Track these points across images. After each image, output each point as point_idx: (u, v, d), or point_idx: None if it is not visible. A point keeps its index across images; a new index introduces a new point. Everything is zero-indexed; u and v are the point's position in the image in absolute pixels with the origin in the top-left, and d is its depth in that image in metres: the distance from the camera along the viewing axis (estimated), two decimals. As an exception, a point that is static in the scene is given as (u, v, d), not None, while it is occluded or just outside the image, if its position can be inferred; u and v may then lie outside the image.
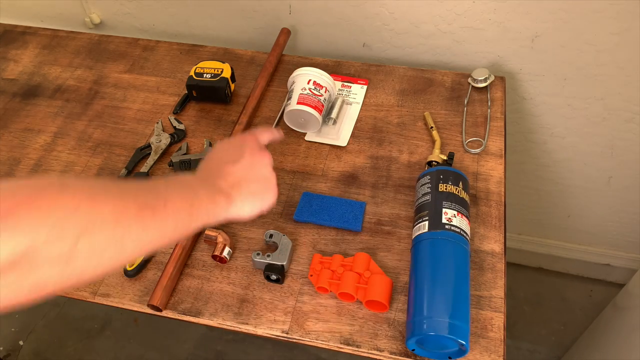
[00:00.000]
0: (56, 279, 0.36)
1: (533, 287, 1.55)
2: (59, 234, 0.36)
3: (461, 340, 0.59)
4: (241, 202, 0.56)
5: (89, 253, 0.38)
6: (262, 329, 0.68)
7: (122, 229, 0.41)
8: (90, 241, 0.38)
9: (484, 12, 0.94)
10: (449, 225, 0.67)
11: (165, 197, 0.46)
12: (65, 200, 0.37)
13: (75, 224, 0.37)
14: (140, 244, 0.43)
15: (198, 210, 0.50)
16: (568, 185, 1.25)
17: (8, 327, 1.58)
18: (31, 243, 0.34)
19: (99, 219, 0.39)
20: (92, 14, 1.20)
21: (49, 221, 0.35)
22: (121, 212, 0.41)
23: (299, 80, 0.88)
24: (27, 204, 0.35)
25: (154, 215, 0.44)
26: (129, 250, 0.42)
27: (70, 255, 0.36)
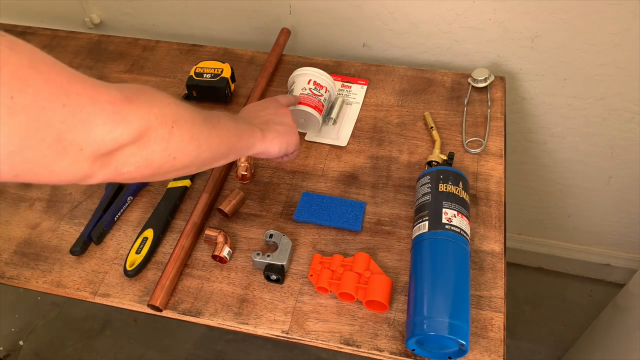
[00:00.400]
0: (161, 155, 0.48)
1: (533, 287, 1.55)
2: (162, 120, 0.47)
3: (461, 340, 0.59)
4: (270, 138, 0.68)
5: (179, 139, 0.50)
6: (262, 329, 0.68)
7: (197, 128, 0.52)
8: (180, 129, 0.50)
9: (484, 12, 0.94)
10: (449, 225, 0.67)
11: (219, 118, 0.59)
12: (160, 97, 0.49)
13: (170, 114, 0.49)
14: (208, 146, 0.55)
15: (242, 133, 0.63)
16: (568, 185, 1.25)
17: (8, 327, 1.58)
18: (147, 124, 0.46)
19: (183, 116, 0.51)
20: (92, 14, 1.20)
21: (154, 109, 0.47)
22: (194, 117, 0.53)
23: (299, 81, 0.88)
24: (138, 96, 0.46)
25: (215, 127, 0.56)
26: (202, 148, 0.53)
27: (169, 137, 0.48)
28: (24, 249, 0.78)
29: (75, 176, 0.43)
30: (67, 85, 0.40)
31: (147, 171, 0.48)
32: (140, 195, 0.84)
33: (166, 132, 0.48)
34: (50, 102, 0.38)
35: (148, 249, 0.75)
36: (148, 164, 0.48)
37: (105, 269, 0.75)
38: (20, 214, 0.83)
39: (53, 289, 0.74)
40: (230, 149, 0.60)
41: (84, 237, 0.77)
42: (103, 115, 0.42)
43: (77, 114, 0.40)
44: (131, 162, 0.46)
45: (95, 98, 0.41)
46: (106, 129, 0.42)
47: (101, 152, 0.42)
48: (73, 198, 0.84)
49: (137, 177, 0.48)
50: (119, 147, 0.44)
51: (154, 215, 0.78)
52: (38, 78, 0.37)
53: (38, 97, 0.37)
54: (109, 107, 0.42)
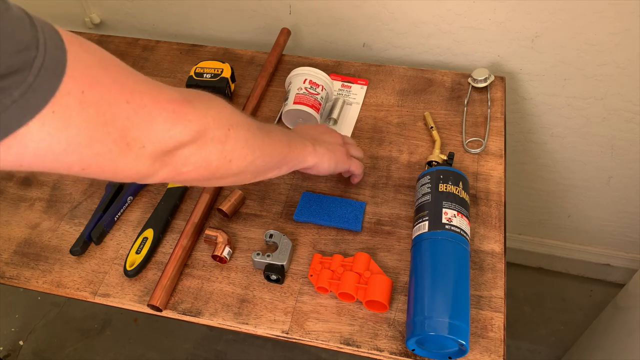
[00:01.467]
0: (218, 156, 0.50)
1: (533, 287, 1.55)
2: (218, 122, 0.49)
3: (461, 340, 0.59)
4: (322, 153, 0.69)
5: (235, 142, 0.52)
6: (262, 329, 0.68)
7: (252, 134, 0.55)
8: (236, 133, 0.52)
9: (484, 12, 0.94)
10: (449, 225, 0.67)
11: (271, 128, 0.61)
12: (218, 101, 0.52)
13: (227, 117, 0.51)
14: (262, 152, 0.56)
15: (294, 145, 0.64)
16: (568, 185, 1.25)
17: (8, 327, 1.58)
18: (204, 125, 0.48)
19: (238, 121, 0.53)
20: (92, 14, 1.20)
21: (211, 111, 0.49)
22: (249, 123, 0.55)
23: (295, 81, 0.88)
24: (196, 98, 0.48)
25: (268, 135, 0.58)
26: (255, 154, 0.55)
27: (225, 140, 0.50)
28: (24, 249, 0.78)
29: (137, 173, 0.45)
30: (132, 85, 0.43)
31: (205, 172, 0.50)
32: (140, 195, 0.84)
33: (223, 134, 0.50)
34: (116, 99, 0.40)
35: (148, 249, 0.75)
36: (206, 164, 0.50)
37: (105, 269, 0.75)
38: (20, 214, 0.83)
39: (53, 289, 0.74)
40: (283, 159, 0.62)
41: (84, 237, 0.77)
42: (163, 114, 0.44)
43: (140, 111, 0.42)
44: (190, 162, 0.48)
45: (156, 98, 0.44)
46: (166, 127, 0.44)
47: (162, 150, 0.45)
48: (73, 198, 0.84)
49: (195, 178, 0.51)
50: (178, 145, 0.46)
51: (154, 215, 0.78)
52: (106, 76, 0.40)
53: (106, 93, 0.39)
54: (169, 106, 0.45)
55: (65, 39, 0.37)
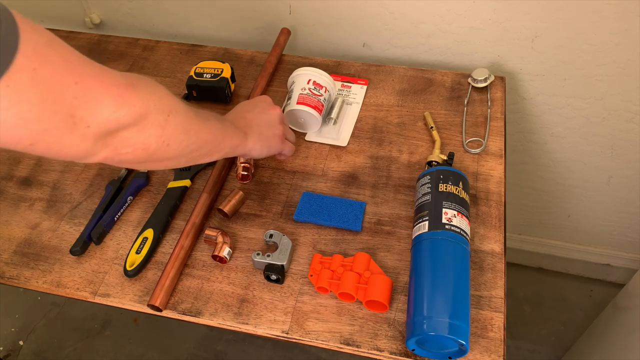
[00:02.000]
0: (156, 140, 0.52)
1: (533, 287, 1.55)
2: (159, 107, 0.51)
3: (461, 340, 0.59)
4: (252, 141, 0.72)
5: (174, 127, 0.54)
6: (262, 329, 0.68)
7: (189, 121, 0.57)
8: (174, 118, 0.54)
9: (484, 12, 0.94)
10: (449, 225, 0.67)
11: (208, 116, 0.63)
12: (160, 88, 0.54)
13: (167, 103, 0.53)
14: (197, 138, 0.59)
15: (227, 133, 0.67)
16: (568, 185, 1.25)
17: (8, 327, 1.58)
18: (146, 110, 0.50)
19: (178, 108, 0.55)
20: (92, 14, 1.20)
21: (153, 96, 0.51)
22: (188, 110, 0.58)
23: (298, 80, 0.88)
24: (140, 83, 0.50)
25: (204, 123, 0.61)
26: (192, 140, 0.58)
27: (165, 125, 0.52)
28: (24, 249, 0.78)
29: (80, 151, 0.46)
30: (80, 67, 0.44)
31: (143, 154, 0.52)
32: (140, 195, 0.84)
33: (162, 119, 0.52)
34: (65, 79, 0.42)
35: (148, 249, 0.75)
36: (145, 147, 0.52)
37: (105, 269, 0.75)
38: (20, 214, 0.83)
39: (53, 289, 0.74)
40: (216, 146, 0.65)
41: (84, 237, 0.77)
42: (109, 97, 0.46)
43: (87, 92, 0.44)
44: (130, 144, 0.50)
45: (103, 80, 0.46)
46: (110, 109, 0.46)
47: (105, 131, 0.47)
48: (73, 198, 0.84)
49: (133, 160, 0.53)
50: (120, 127, 0.48)
51: (154, 215, 0.78)
52: (56, 56, 0.42)
53: (56, 73, 0.41)
54: (115, 89, 0.47)
55: (17, 19, 0.38)
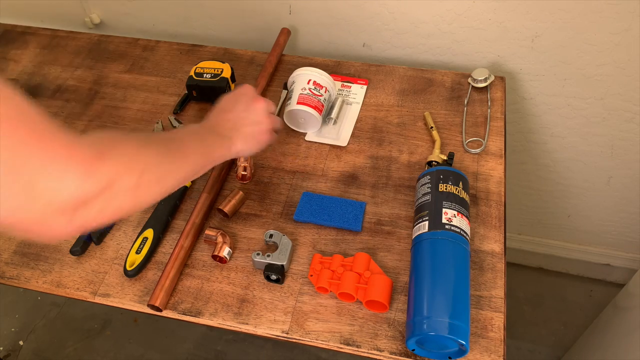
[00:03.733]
0: (129, 204, 0.50)
1: (533, 287, 1.55)
2: (130, 170, 0.50)
3: (461, 340, 0.59)
4: (240, 142, 0.70)
5: (149, 184, 0.52)
6: (262, 329, 0.68)
7: (165, 167, 0.56)
8: (149, 175, 0.52)
9: (484, 12, 0.94)
10: (449, 225, 0.67)
11: (187, 144, 0.62)
12: (129, 147, 0.52)
13: (137, 163, 0.51)
14: (176, 179, 0.58)
15: (211, 152, 0.66)
16: (568, 185, 1.25)
17: (8, 327, 1.58)
18: (116, 176, 0.47)
19: (151, 160, 0.54)
20: (92, 14, 1.20)
21: (124, 159, 0.49)
22: (163, 155, 0.56)
23: (298, 80, 0.88)
24: (109, 151, 0.48)
25: (183, 157, 0.60)
26: (169, 184, 0.57)
27: (137, 186, 0.50)
28: (24, 249, 0.78)
29: (44, 227, 0.44)
30: (49, 136, 0.43)
31: (116, 217, 0.50)
32: (140, 195, 0.83)
33: (134, 181, 0.50)
34: (30, 148, 0.41)
35: (148, 249, 0.75)
36: (118, 211, 0.50)
37: (105, 269, 0.75)
38: (20, 214, 0.82)
39: (53, 289, 0.74)
40: (199, 169, 0.63)
41: (84, 237, 0.77)
42: (74, 171, 0.44)
43: (52, 165, 0.42)
44: (100, 215, 0.48)
45: (70, 152, 0.44)
46: (77, 183, 0.44)
47: (72, 204, 0.44)
48: (73, 198, 0.84)
49: (105, 223, 0.50)
50: (88, 199, 0.45)
51: (154, 215, 0.78)
52: (24, 128, 0.41)
53: (22, 143, 0.41)
54: (81, 165, 0.45)
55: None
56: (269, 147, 0.88)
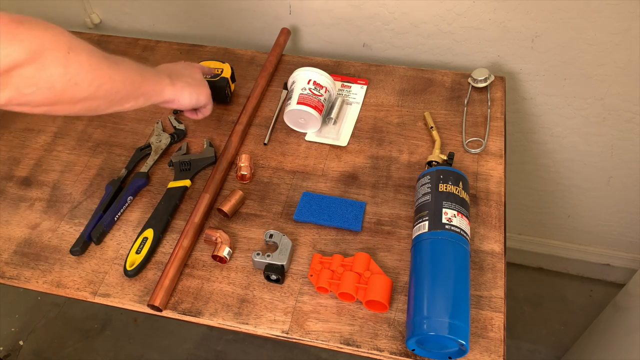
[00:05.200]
0: (61, 79, 0.52)
1: (533, 287, 1.55)
2: (56, 44, 0.52)
3: (461, 340, 0.59)
4: (180, 86, 0.73)
5: (77, 65, 0.54)
6: (262, 329, 0.68)
7: (95, 59, 0.57)
8: (77, 56, 0.54)
9: (484, 12, 0.94)
10: (449, 225, 0.67)
11: (121, 59, 0.62)
12: (54, 26, 0.53)
13: (65, 40, 0.53)
14: (110, 78, 0.59)
15: (147, 76, 0.67)
16: (568, 185, 1.25)
17: (8, 327, 1.58)
18: (40, 46, 0.50)
19: (79, 45, 0.55)
20: (92, 14, 1.20)
21: (47, 33, 0.51)
22: (92, 49, 0.57)
23: (299, 80, 0.88)
24: (29, 21, 0.50)
25: (117, 63, 0.60)
26: (104, 79, 0.58)
27: (66, 62, 0.52)
28: (24, 249, 0.78)
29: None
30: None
31: (50, 94, 0.53)
32: (140, 195, 0.84)
33: (62, 56, 0.52)
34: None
35: (148, 249, 0.75)
36: (49, 86, 0.52)
37: (105, 269, 0.75)
38: (20, 214, 0.83)
39: (53, 289, 0.74)
40: (137, 89, 0.64)
41: (84, 237, 0.77)
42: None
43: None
44: (32, 83, 0.51)
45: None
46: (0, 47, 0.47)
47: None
48: (73, 198, 0.84)
49: (41, 100, 0.53)
50: (15, 65, 0.49)
51: (154, 215, 0.78)
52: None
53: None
54: (3, 27, 0.48)
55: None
56: (269, 147, 0.88)
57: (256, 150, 0.89)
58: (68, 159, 0.90)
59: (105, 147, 0.91)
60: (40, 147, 0.92)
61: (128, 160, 0.88)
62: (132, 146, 0.90)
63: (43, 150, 0.91)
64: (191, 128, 0.93)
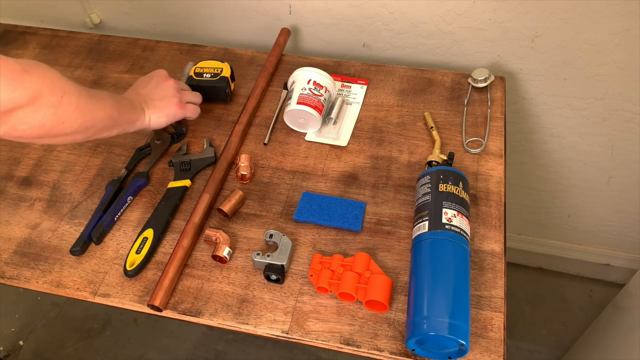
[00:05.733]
0: (51, 118, 0.60)
1: (533, 287, 1.55)
2: (52, 89, 0.60)
3: (461, 340, 0.59)
4: (149, 114, 0.79)
5: (67, 106, 0.62)
6: (262, 329, 0.68)
7: (83, 100, 0.65)
8: (68, 98, 0.62)
9: (484, 12, 0.94)
10: (449, 225, 0.67)
11: (102, 96, 0.70)
12: (53, 72, 0.61)
13: (60, 86, 0.61)
14: (93, 117, 0.67)
15: (123, 110, 0.74)
16: (568, 185, 1.25)
17: (8, 327, 1.58)
18: (39, 91, 0.58)
19: (71, 89, 0.63)
20: (92, 14, 1.20)
21: (46, 80, 0.60)
22: (81, 91, 0.65)
23: (299, 80, 0.88)
24: (33, 69, 0.59)
25: (98, 101, 0.68)
26: (87, 118, 0.66)
27: (58, 104, 0.61)
28: (24, 249, 0.78)
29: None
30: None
31: (39, 131, 0.60)
32: (140, 195, 0.84)
33: (56, 99, 0.60)
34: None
35: (148, 249, 0.75)
36: (41, 125, 0.60)
37: (105, 269, 0.75)
38: (20, 214, 0.83)
39: (53, 289, 0.74)
40: (113, 122, 0.72)
41: (84, 237, 0.77)
42: (4, 81, 0.54)
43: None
44: (26, 122, 0.58)
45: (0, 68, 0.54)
46: (6, 92, 0.55)
47: (1, 110, 0.55)
48: (73, 198, 0.84)
49: (30, 135, 0.61)
50: (15, 107, 0.56)
51: (154, 215, 0.78)
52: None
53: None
54: (9, 74, 0.55)
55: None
56: (269, 147, 0.88)
57: (256, 150, 0.89)
58: (68, 159, 0.90)
59: (105, 147, 0.91)
60: (40, 147, 0.92)
61: (128, 160, 0.88)
62: (132, 146, 0.90)
63: (43, 150, 0.91)
64: (191, 128, 0.93)
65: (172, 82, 0.85)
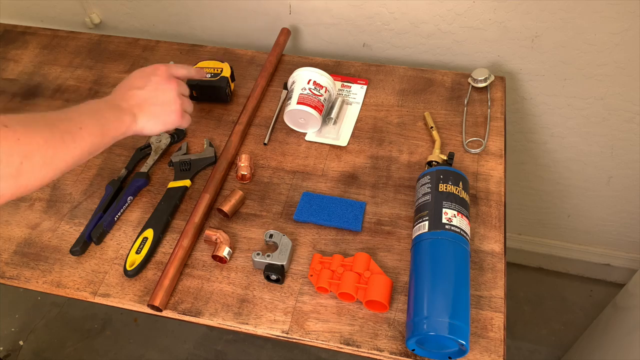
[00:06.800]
0: (10, 190, 0.51)
1: (533, 287, 1.55)
2: (8, 160, 0.50)
3: (461, 340, 0.59)
4: (143, 120, 0.68)
5: (30, 171, 0.52)
6: (262, 329, 0.68)
7: (52, 151, 0.55)
8: (31, 163, 0.52)
9: (484, 12, 0.94)
10: (449, 225, 0.67)
11: (80, 124, 0.59)
12: (8, 135, 0.51)
13: (18, 151, 0.51)
14: (67, 162, 0.57)
15: (108, 130, 0.63)
16: (568, 185, 1.25)
17: (8, 327, 1.58)
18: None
19: (34, 147, 0.53)
20: (92, 14, 1.20)
21: (1, 148, 0.49)
22: (49, 139, 0.55)
23: (299, 80, 0.88)
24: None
25: (74, 140, 0.58)
26: (59, 167, 0.56)
27: (17, 174, 0.51)
28: (24, 249, 0.78)
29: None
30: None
31: (14, 190, 0.51)
32: (140, 195, 0.84)
33: (14, 169, 0.51)
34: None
35: (148, 249, 0.75)
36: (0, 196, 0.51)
37: (105, 269, 0.75)
38: (20, 214, 0.83)
39: (53, 289, 0.74)
40: (95, 149, 0.62)
41: (84, 237, 0.77)
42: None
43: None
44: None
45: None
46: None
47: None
48: (73, 198, 0.84)
49: (10, 195, 0.52)
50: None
51: (154, 215, 0.78)
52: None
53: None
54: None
55: None
56: (269, 147, 0.88)
57: (256, 150, 0.89)
58: (68, 159, 0.90)
59: (105, 147, 0.91)
60: (40, 147, 0.92)
61: (128, 160, 0.88)
62: (132, 146, 0.90)
63: (43, 150, 0.91)
64: (191, 128, 0.93)
65: (174, 84, 0.73)
